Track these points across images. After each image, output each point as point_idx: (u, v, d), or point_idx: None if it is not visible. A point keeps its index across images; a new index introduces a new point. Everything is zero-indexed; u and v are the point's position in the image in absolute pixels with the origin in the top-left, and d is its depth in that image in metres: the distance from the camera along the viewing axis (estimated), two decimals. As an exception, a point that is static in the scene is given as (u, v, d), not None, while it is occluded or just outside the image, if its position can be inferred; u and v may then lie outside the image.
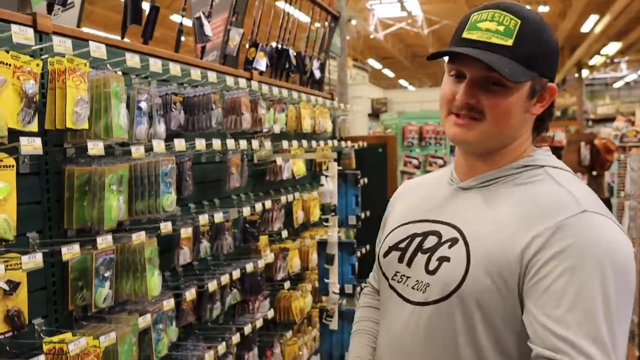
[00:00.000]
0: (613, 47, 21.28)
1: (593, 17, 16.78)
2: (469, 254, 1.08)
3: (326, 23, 4.32)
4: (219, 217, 2.38)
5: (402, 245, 1.21)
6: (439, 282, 1.10)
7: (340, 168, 2.94)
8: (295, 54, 3.66)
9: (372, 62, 22.34)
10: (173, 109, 2.10)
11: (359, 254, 4.15)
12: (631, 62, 25.87)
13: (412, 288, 1.15)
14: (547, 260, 1.00)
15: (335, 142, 3.85)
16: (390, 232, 1.27)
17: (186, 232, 2.22)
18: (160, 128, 2.02)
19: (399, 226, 1.26)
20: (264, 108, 2.74)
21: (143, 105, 1.92)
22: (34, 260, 1.52)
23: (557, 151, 9.91)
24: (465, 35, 1.11)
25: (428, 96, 12.25)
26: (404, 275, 1.18)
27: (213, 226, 2.50)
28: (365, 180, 4.25)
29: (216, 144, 2.32)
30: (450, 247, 1.11)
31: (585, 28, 17.94)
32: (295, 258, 3.22)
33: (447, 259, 1.10)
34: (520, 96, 1.10)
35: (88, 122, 1.70)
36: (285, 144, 3.00)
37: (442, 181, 1.27)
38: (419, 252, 1.17)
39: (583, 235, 1.00)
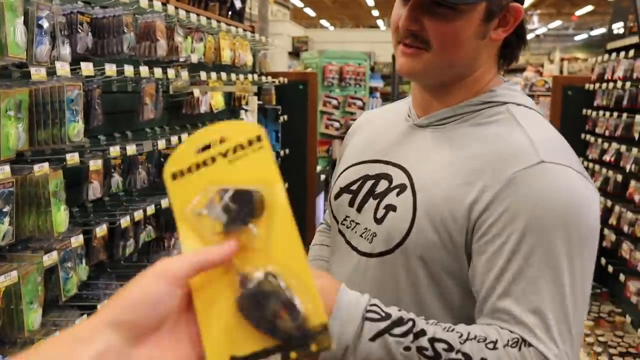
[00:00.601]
0: (527, 1, 21.88)
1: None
2: (415, 204, 0.98)
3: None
4: (131, 149, 2.24)
5: (354, 187, 1.11)
6: (384, 233, 1.01)
7: (260, 103, 2.86)
8: (214, -19, 3.45)
9: (294, 0, 21.80)
10: (79, 30, 1.91)
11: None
12: (542, 15, 26.82)
13: (360, 236, 1.06)
14: (496, 219, 0.90)
15: (256, 76, 3.72)
16: (343, 172, 1.16)
17: (95, 164, 2.07)
18: (65, 50, 1.83)
19: (351, 165, 1.15)
20: (181, 36, 2.57)
21: (44, 23, 1.73)
22: None
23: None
24: None
25: (349, 37, 12.16)
26: (353, 221, 1.08)
27: (125, 159, 2.36)
28: (285, 117, 4.18)
29: (128, 70, 2.15)
30: (398, 194, 1.01)
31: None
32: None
33: (394, 208, 1.00)
34: (472, 19, 0.96)
35: (-21, 38, 1.51)
36: (203, 75, 2.85)
37: (399, 115, 1.14)
38: (370, 198, 1.06)
39: (537, 192, 0.89)
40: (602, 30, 26.85)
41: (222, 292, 0.55)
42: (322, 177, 5.01)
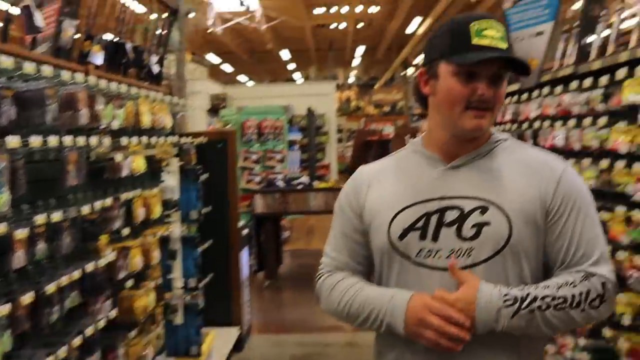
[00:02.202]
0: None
1: (417, 19, 18.21)
2: (505, 213, 1.30)
3: (164, 16, 4.27)
4: (55, 216, 2.30)
5: (419, 224, 1.35)
6: (488, 242, 1.31)
7: (181, 164, 2.98)
8: (132, 48, 3.59)
9: (211, 57, 22.04)
10: (3, 104, 2.00)
11: (200, 248, 4.20)
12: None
13: (447, 257, 1.32)
14: (559, 205, 1.32)
15: (175, 138, 3.85)
16: (395, 217, 1.37)
17: (21, 233, 2.12)
18: (-11, 124, 1.91)
19: (401, 210, 1.37)
20: (102, 104, 2.68)
21: (-33, 100, 1.81)
22: None
23: (386, 143, 10.71)
24: (476, 42, 1.29)
25: (267, 91, 12.46)
26: (431, 250, 1.34)
27: (50, 226, 2.40)
28: (206, 175, 4.29)
29: (52, 140, 2.24)
30: (482, 213, 1.32)
31: (410, 29, 19.41)
32: (137, 256, 3.18)
33: (487, 223, 1.31)
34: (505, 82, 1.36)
35: None
36: (124, 140, 2.95)
37: (418, 165, 1.42)
38: (443, 227, 1.34)
39: (575, 184, 1.35)
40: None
41: None
42: (245, 231, 5.11)
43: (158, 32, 4.20)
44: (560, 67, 3.28)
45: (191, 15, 14.53)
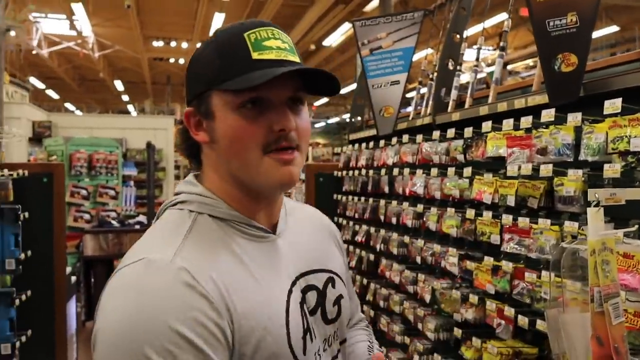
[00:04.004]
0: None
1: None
2: (340, 278, 1.14)
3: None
4: None
5: (305, 325, 0.99)
6: (346, 316, 1.14)
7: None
8: None
9: (34, 81, 20.18)
10: None
11: (17, 302, 3.53)
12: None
13: (324, 351, 1.05)
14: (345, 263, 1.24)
15: (-11, 170, 3.22)
16: (278, 330, 0.93)
17: None
18: None
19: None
20: None
21: None
22: None
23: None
24: (257, 56, 0.90)
25: (98, 122, 11.54)
26: (318, 351, 1.03)
27: None
28: (27, 214, 3.67)
29: None
30: (333, 286, 1.09)
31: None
32: None
33: (341, 296, 1.11)
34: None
35: None
36: None
37: (237, 244, 0.96)
38: (311, 316, 1.02)
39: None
40: (337, 119, 30.42)
41: None
42: (73, 278, 4.46)
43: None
44: (418, 115, 3.32)
45: (12, 33, 13.22)
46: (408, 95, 3.78)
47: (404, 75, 3.51)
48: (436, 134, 2.84)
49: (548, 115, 2.03)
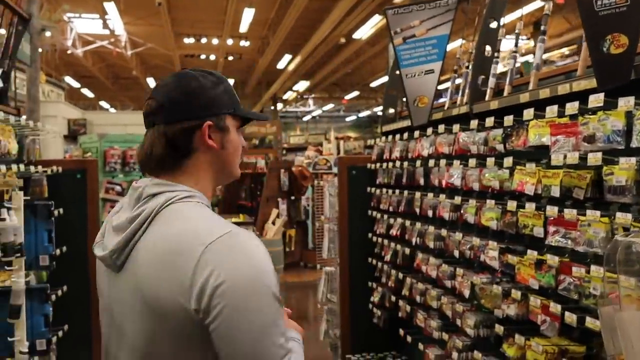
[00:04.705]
0: (302, 85, 23.74)
1: (287, 57, 18.44)
2: None
3: (12, 25, 3.66)
4: None
5: None
6: None
7: (27, 198, 2.44)
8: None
9: (70, 80, 20.56)
10: None
11: (53, 297, 3.56)
12: (317, 99, 29.29)
13: None
14: None
15: (22, 166, 3.23)
16: None
17: None
18: None
19: None
20: None
21: None
22: None
23: (259, 177, 10.42)
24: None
25: (132, 119, 11.69)
26: None
27: None
28: (61, 210, 3.69)
29: None
30: None
31: (280, 65, 19.59)
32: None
33: None
34: None
35: None
36: (-49, 168, 2.35)
37: None
38: None
39: None
40: (368, 112, 30.22)
41: None
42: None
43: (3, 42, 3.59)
44: (454, 105, 3.21)
45: (48, 33, 13.46)
46: (440, 87, 3.67)
47: (438, 64, 3.40)
48: (474, 123, 2.74)
49: (596, 100, 1.91)
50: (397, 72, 3.61)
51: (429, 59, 3.42)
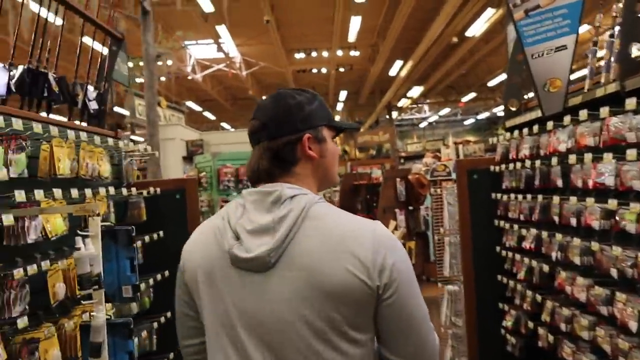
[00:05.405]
0: (416, 91, 23.13)
1: (398, 62, 18.01)
2: None
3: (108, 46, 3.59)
4: None
5: None
6: None
7: (107, 223, 2.22)
8: (57, 79, 2.87)
9: (191, 105, 21.62)
10: None
11: (155, 325, 3.38)
12: (432, 104, 28.50)
13: None
14: None
15: (112, 189, 3.08)
16: None
17: None
18: None
19: None
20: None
21: None
22: None
23: (375, 187, 10.03)
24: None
25: (246, 137, 11.81)
26: None
27: None
28: (161, 233, 3.53)
29: None
30: None
31: (392, 72, 19.20)
32: (53, 349, 2.37)
33: None
34: None
35: None
36: (19, 194, 2.17)
37: None
38: None
39: None
40: (487, 114, 28.82)
41: None
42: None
43: (98, 63, 3.51)
44: (597, 84, 2.59)
45: (169, 62, 14.09)
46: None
47: (571, 37, 2.79)
48: (630, 103, 2.12)
49: None
50: (520, 55, 3.04)
51: (559, 33, 2.82)
